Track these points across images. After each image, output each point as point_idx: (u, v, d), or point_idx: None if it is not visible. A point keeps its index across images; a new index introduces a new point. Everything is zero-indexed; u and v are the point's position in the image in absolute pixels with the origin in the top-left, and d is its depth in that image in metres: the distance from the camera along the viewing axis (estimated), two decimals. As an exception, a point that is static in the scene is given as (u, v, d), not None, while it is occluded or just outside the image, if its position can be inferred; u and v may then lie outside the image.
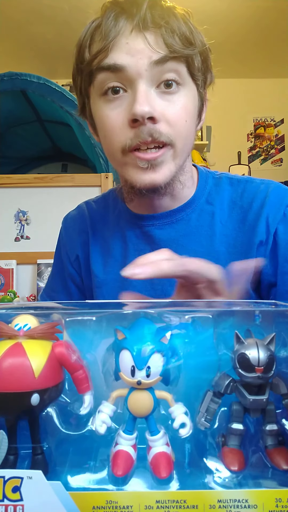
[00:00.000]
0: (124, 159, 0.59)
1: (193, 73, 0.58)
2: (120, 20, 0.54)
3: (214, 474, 0.36)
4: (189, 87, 0.59)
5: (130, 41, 0.54)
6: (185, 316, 0.38)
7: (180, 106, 0.57)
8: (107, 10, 0.56)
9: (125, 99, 0.56)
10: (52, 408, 0.38)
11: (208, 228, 0.67)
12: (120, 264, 0.71)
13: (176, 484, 0.34)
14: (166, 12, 0.55)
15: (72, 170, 2.70)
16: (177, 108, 0.57)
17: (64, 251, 0.79)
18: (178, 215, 0.68)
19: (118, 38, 0.54)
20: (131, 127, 0.56)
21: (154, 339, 0.36)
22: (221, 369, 0.38)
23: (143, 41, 0.54)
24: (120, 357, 0.36)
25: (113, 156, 0.61)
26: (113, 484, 0.34)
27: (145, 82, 0.55)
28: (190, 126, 0.60)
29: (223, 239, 0.66)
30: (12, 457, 0.35)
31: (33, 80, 1.85)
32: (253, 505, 0.32)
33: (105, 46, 0.54)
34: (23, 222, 1.88)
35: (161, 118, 0.55)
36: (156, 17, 0.54)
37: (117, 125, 0.57)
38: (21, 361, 0.33)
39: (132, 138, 0.56)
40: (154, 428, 0.36)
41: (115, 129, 0.57)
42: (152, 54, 0.54)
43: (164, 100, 0.56)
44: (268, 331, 0.38)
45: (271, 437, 0.37)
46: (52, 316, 0.39)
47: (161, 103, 0.56)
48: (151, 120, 0.55)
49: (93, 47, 0.57)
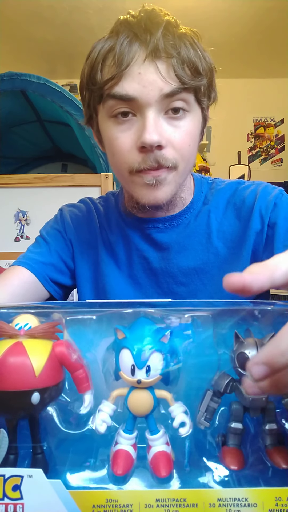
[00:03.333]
0: (131, 178, 0.62)
1: (199, 99, 0.61)
2: (133, 46, 0.55)
3: (214, 473, 0.36)
4: (195, 112, 0.62)
5: (142, 70, 0.55)
6: (185, 316, 0.38)
7: (185, 132, 0.60)
8: (120, 34, 0.56)
9: (134, 123, 0.59)
10: (52, 407, 0.38)
11: (206, 226, 0.71)
12: (126, 263, 0.74)
13: (176, 483, 0.34)
14: (177, 41, 0.56)
15: (72, 170, 2.70)
16: (182, 134, 0.59)
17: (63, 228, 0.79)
18: (179, 219, 0.71)
19: (131, 67, 0.55)
20: (139, 152, 0.58)
21: (154, 339, 0.36)
22: (221, 368, 0.38)
23: (155, 71, 0.55)
24: (120, 356, 0.36)
25: (121, 174, 0.64)
26: (113, 483, 0.34)
27: (154, 111, 0.57)
28: (193, 149, 0.63)
29: (220, 235, 0.70)
30: (13, 456, 0.35)
31: (33, 80, 1.84)
32: (253, 504, 0.32)
33: (118, 74, 0.56)
34: (23, 222, 1.88)
35: (167, 144, 0.58)
36: (168, 46, 0.55)
37: (125, 148, 0.59)
38: (21, 360, 0.34)
39: (140, 162, 0.59)
40: (154, 427, 0.36)
41: (123, 151, 0.60)
42: (164, 86, 0.56)
43: (170, 126, 0.59)
44: (268, 330, 0.38)
45: (270, 436, 0.37)
46: (53, 315, 0.39)
47: (168, 128, 0.58)
48: (158, 148, 0.57)
49: (105, 71, 0.58)
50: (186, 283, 0.71)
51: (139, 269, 0.73)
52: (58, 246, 0.78)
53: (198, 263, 0.70)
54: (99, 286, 0.76)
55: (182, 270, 0.70)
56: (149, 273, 0.73)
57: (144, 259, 0.72)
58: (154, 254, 0.72)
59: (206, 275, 0.70)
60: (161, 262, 0.71)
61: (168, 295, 0.72)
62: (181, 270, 0.70)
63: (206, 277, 0.70)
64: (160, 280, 0.72)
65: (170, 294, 0.71)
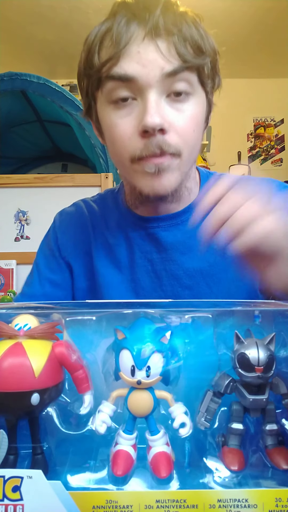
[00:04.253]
0: (133, 167, 0.58)
1: (203, 81, 0.58)
2: (131, 25, 0.53)
3: (214, 473, 0.36)
4: (199, 95, 0.58)
5: (141, 49, 0.53)
6: (185, 316, 0.38)
7: (189, 116, 0.57)
8: (118, 14, 0.54)
9: (135, 107, 0.56)
10: (52, 408, 0.38)
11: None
12: (127, 267, 0.70)
13: (176, 483, 0.34)
14: (178, 18, 0.54)
15: (72, 170, 2.70)
16: (186, 118, 0.56)
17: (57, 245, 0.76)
18: (183, 216, 0.68)
19: (129, 46, 0.53)
20: (141, 137, 0.55)
21: (154, 339, 0.36)
22: (221, 369, 0.38)
23: (155, 50, 0.52)
24: (120, 357, 0.36)
25: (122, 163, 0.60)
26: (113, 483, 0.34)
27: (156, 92, 0.54)
28: (198, 134, 0.60)
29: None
30: (12, 456, 0.35)
31: (33, 80, 1.84)
32: (253, 505, 0.32)
33: (116, 54, 0.53)
34: (23, 222, 1.88)
35: (170, 129, 0.55)
36: (168, 24, 0.52)
37: (126, 134, 0.56)
38: (21, 361, 0.34)
39: (141, 149, 0.56)
40: (154, 427, 0.36)
41: (124, 138, 0.56)
42: (164, 65, 0.53)
43: (173, 109, 0.56)
44: (268, 331, 0.38)
45: (271, 437, 0.37)
46: (52, 316, 0.39)
47: (171, 112, 0.55)
48: (161, 132, 0.54)
49: (102, 53, 0.55)
50: (191, 286, 0.68)
51: (143, 272, 0.70)
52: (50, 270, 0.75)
53: (204, 265, 0.67)
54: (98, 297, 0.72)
55: (187, 272, 0.68)
56: (152, 276, 0.69)
57: (148, 261, 0.69)
58: (158, 256, 0.69)
59: (212, 278, 0.67)
60: (165, 263, 0.68)
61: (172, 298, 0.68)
62: (186, 272, 0.68)
63: (212, 280, 0.67)
64: (164, 283, 0.69)
65: (174, 298, 0.68)
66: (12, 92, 1.93)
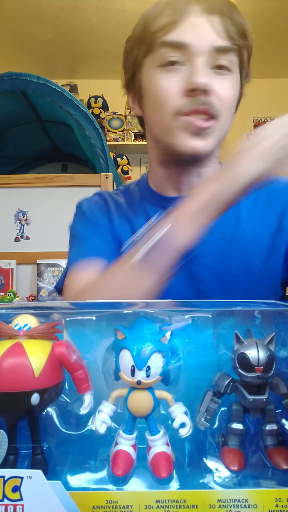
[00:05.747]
0: (174, 123, 0.62)
1: (242, 63, 0.65)
2: (190, 2, 0.60)
3: (214, 474, 0.36)
4: (236, 76, 0.64)
5: (197, 22, 0.59)
6: (185, 316, 0.38)
7: (229, 86, 0.63)
8: None
9: (182, 72, 0.60)
10: (52, 408, 0.38)
11: (235, 210, 0.69)
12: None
13: (176, 483, 0.34)
14: (229, 3, 0.61)
15: (72, 170, 2.70)
16: (227, 86, 0.62)
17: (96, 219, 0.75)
18: None
19: (188, 16, 0.59)
20: (186, 96, 0.60)
21: (154, 339, 0.36)
22: (221, 369, 0.38)
23: (209, 25, 0.59)
24: (120, 357, 0.36)
25: (162, 120, 0.64)
26: (113, 484, 0.34)
27: (203, 60, 0.59)
28: (232, 107, 0.65)
29: (249, 221, 0.70)
30: (12, 457, 0.35)
31: (33, 80, 1.84)
32: (253, 505, 0.32)
33: (174, 20, 0.59)
34: (23, 222, 1.89)
35: (213, 92, 0.60)
36: (222, 5, 0.60)
37: (173, 91, 0.61)
38: (21, 361, 0.33)
39: (187, 104, 0.60)
40: (154, 428, 0.36)
41: (170, 94, 0.61)
42: (216, 39, 0.59)
43: (216, 78, 0.61)
44: (268, 331, 0.38)
45: (271, 437, 0.37)
46: (52, 316, 0.39)
47: (214, 80, 0.60)
48: (205, 93, 0.59)
49: (161, 18, 0.61)
50: (210, 265, 0.69)
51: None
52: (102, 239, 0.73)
53: (224, 245, 0.69)
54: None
55: (206, 251, 0.67)
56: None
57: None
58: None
59: (231, 259, 0.68)
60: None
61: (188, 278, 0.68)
62: (205, 251, 0.67)
63: (232, 261, 0.68)
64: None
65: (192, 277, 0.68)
66: (12, 92, 1.93)
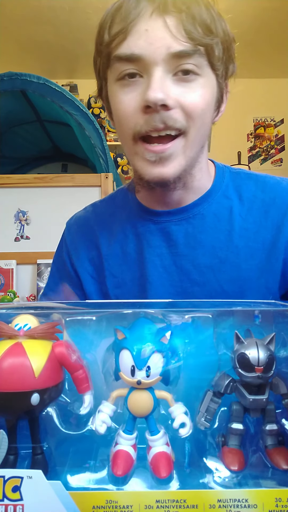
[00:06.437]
0: (134, 149, 0.58)
1: (213, 63, 0.56)
2: (141, 2, 0.53)
3: (214, 473, 0.36)
4: (208, 77, 0.57)
5: (149, 27, 0.53)
6: (185, 316, 0.38)
7: (197, 94, 0.55)
8: None
9: (140, 84, 0.55)
10: (52, 408, 0.38)
11: (226, 222, 0.65)
12: (136, 262, 0.68)
13: (176, 483, 0.34)
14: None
15: (72, 170, 2.70)
16: (193, 95, 0.55)
17: (66, 253, 0.78)
18: (195, 209, 0.66)
19: (138, 22, 0.53)
20: (143, 113, 0.54)
21: (154, 339, 0.36)
22: (221, 369, 0.38)
23: (163, 27, 0.52)
24: (120, 357, 0.36)
25: (125, 143, 0.59)
26: (113, 483, 0.34)
27: (162, 70, 0.53)
28: (206, 116, 0.58)
29: (242, 233, 0.65)
30: (12, 456, 0.35)
31: (33, 80, 1.84)
32: (253, 505, 0.32)
33: (124, 28, 0.53)
34: (23, 222, 1.88)
35: (175, 105, 0.54)
36: (177, 1, 0.52)
37: (129, 110, 0.56)
38: (21, 361, 0.33)
39: (142, 125, 0.55)
40: (154, 428, 0.36)
41: (127, 114, 0.56)
42: (172, 44, 0.52)
43: (180, 87, 0.54)
44: (268, 331, 0.38)
45: (271, 437, 0.37)
46: (52, 316, 0.39)
47: (177, 90, 0.54)
48: (164, 108, 0.53)
49: (113, 28, 0.55)
50: (202, 282, 0.65)
51: (151, 267, 0.67)
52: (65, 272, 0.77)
53: (215, 261, 0.64)
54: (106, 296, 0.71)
55: (198, 267, 0.65)
56: (161, 271, 0.67)
57: (157, 256, 0.67)
58: (167, 250, 0.66)
59: (223, 275, 0.64)
60: (175, 258, 0.66)
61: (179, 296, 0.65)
62: (197, 267, 0.65)
63: (224, 278, 0.64)
64: (173, 279, 0.66)
65: (184, 294, 0.66)
66: (12, 92, 1.93)
